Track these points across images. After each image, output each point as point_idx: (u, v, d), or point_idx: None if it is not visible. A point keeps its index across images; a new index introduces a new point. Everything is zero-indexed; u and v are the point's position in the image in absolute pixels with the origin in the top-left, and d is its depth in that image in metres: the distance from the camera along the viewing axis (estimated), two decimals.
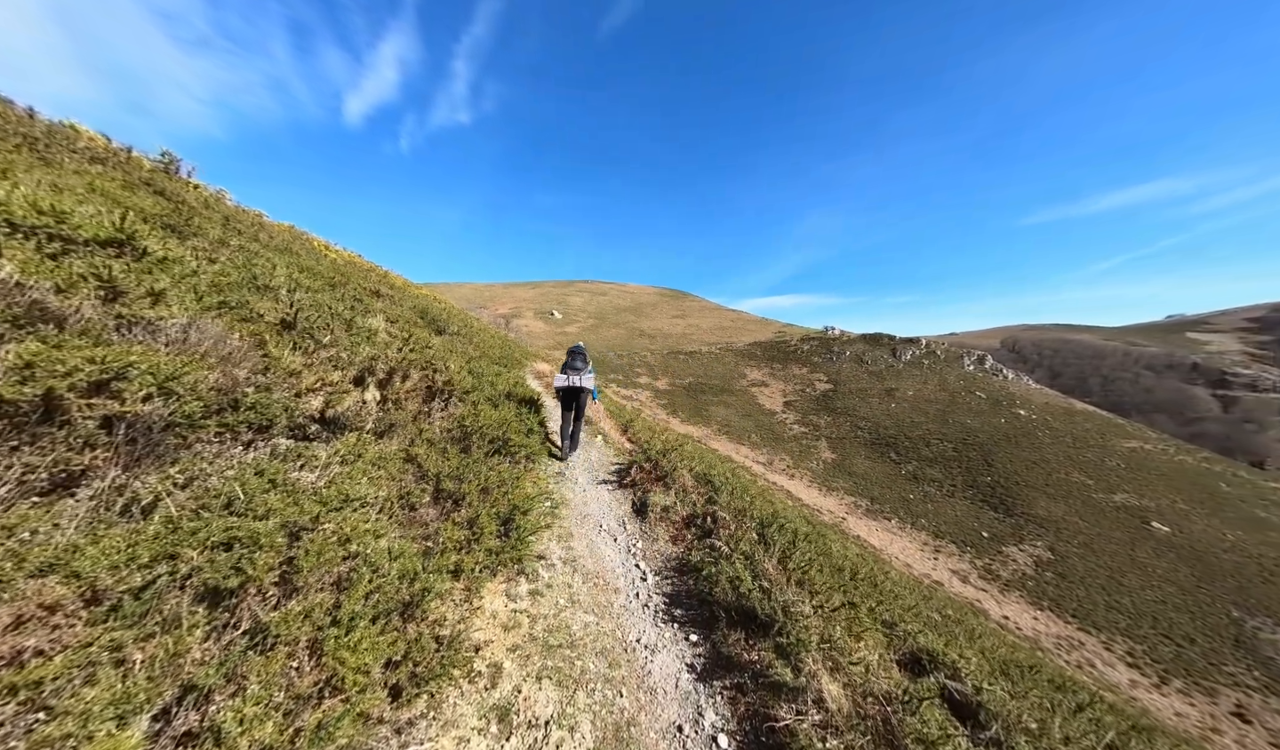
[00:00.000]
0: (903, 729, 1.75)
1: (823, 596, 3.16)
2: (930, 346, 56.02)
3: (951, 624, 5.97)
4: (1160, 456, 36.52)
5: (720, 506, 4.31)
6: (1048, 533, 27.08)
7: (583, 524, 4.04)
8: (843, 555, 6.78)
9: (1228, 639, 19.84)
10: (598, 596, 2.88)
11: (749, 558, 3.10)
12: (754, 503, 5.23)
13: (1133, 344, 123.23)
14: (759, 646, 2.28)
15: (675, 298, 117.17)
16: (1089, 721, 3.87)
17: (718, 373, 56.76)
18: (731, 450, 36.18)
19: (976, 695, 3.07)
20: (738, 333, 77.14)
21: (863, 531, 27.26)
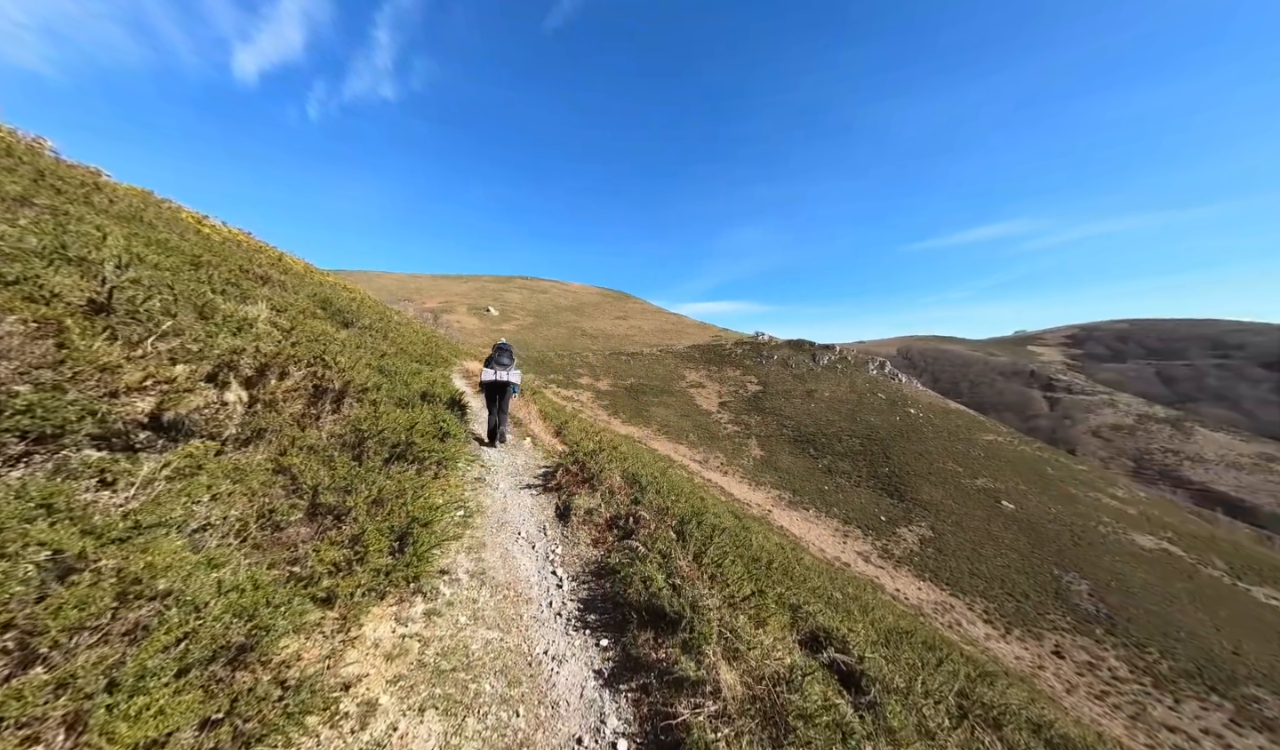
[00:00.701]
0: (787, 706, 1.86)
1: (733, 588, 3.30)
2: (843, 353, 62.86)
3: (850, 601, 6.67)
4: (1008, 447, 44.92)
5: (644, 506, 4.32)
6: (929, 514, 31.82)
7: (499, 532, 3.79)
8: (762, 547, 7.23)
9: (1050, 593, 24.93)
10: (506, 610, 2.69)
11: (665, 556, 3.12)
12: (679, 501, 5.34)
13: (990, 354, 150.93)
14: (667, 644, 2.28)
15: (618, 299, 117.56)
16: (948, 674, 4.54)
17: (658, 374, 58.02)
18: (670, 449, 37.17)
19: (860, 664, 3.42)
20: (678, 335, 79.60)
21: (786, 522, 29.66)
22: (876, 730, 2.62)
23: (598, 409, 42.87)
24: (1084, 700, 17.40)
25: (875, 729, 2.64)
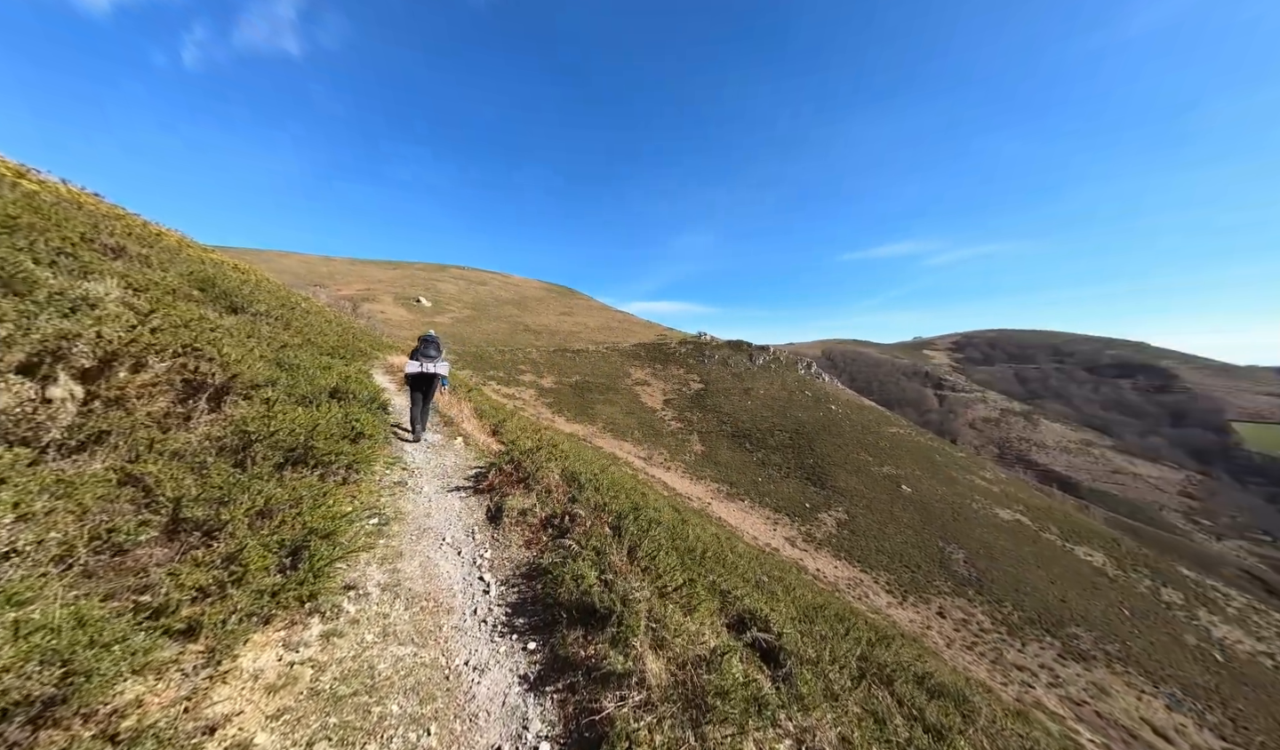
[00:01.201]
0: (707, 687, 1.95)
1: (665, 579, 3.39)
2: (776, 353, 67.75)
3: (775, 583, 7.23)
4: (907, 438, 51.73)
5: (581, 504, 4.27)
6: (845, 500, 35.58)
7: (420, 539, 3.51)
8: (698, 538, 7.53)
9: (936, 562, 29.18)
10: (423, 622, 2.50)
11: (599, 553, 3.12)
12: (618, 498, 5.37)
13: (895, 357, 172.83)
14: (596, 640, 2.28)
15: (563, 294, 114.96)
16: (852, 641, 5.12)
17: (604, 372, 57.82)
18: (616, 447, 37.27)
19: (779, 641, 3.72)
20: (624, 333, 79.94)
21: (724, 513, 31.27)
22: (789, 699, 2.86)
23: (541, 407, 41.61)
24: (959, 651, 20.69)
25: (789, 697, 2.89)
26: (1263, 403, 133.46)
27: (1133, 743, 17.38)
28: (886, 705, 3.62)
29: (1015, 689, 18.61)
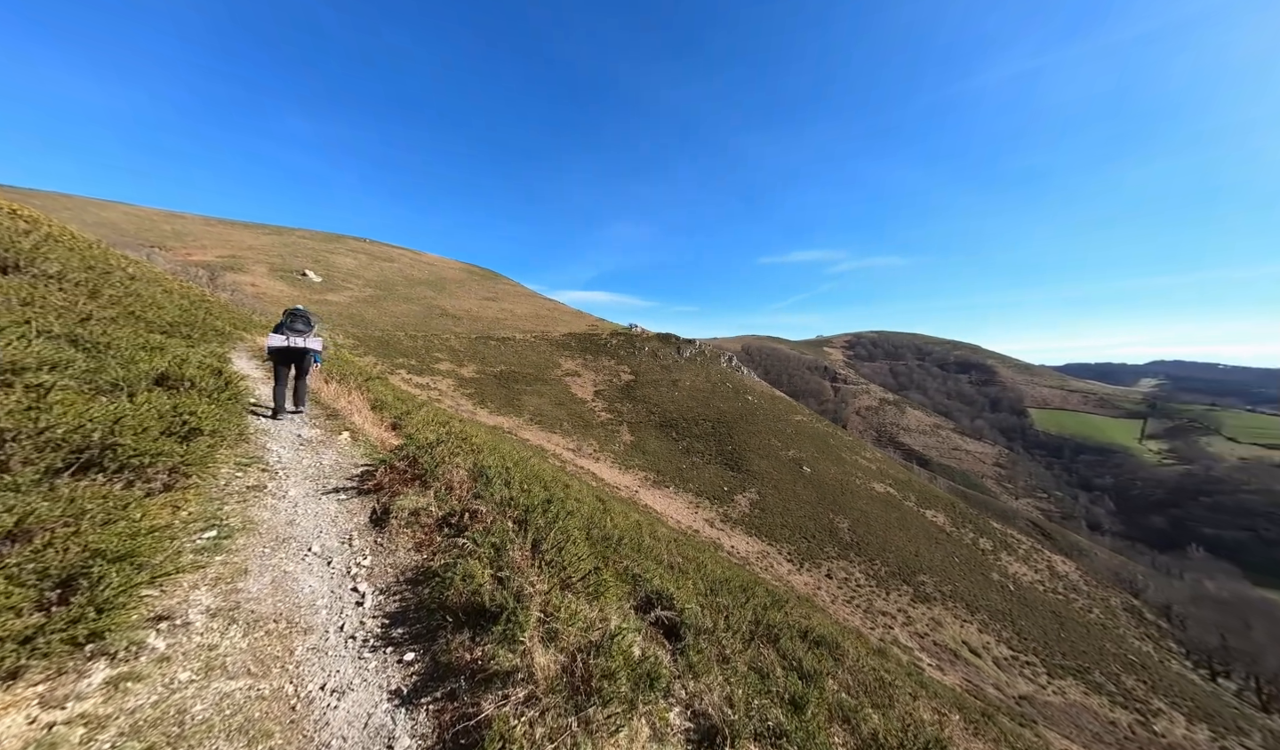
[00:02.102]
0: (595, 671, 1.96)
1: (571, 569, 3.35)
2: (701, 347, 71.53)
3: (688, 563, 7.68)
4: (809, 425, 58.70)
5: (486, 500, 4.02)
6: (758, 482, 39.25)
7: (277, 551, 2.97)
8: (617, 526, 7.64)
9: (827, 532, 33.74)
10: (267, 648, 2.12)
11: (498, 548, 2.96)
12: (531, 491, 5.18)
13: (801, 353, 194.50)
14: (484, 641, 2.15)
15: (487, 278, 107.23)
16: (750, 608, 5.66)
17: (532, 362, 55.50)
18: (543, 439, 36.13)
19: (680, 616, 3.94)
20: (554, 323, 77.42)
21: (650, 500, 32.35)
22: (684, 668, 3.04)
23: (461, 398, 38.52)
24: (841, 606, 24.30)
25: (683, 667, 3.06)
26: (1047, 394, 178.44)
27: (955, 661, 22.21)
28: (771, 661, 4.06)
29: (880, 631, 22.49)
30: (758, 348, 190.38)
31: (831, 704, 3.82)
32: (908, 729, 3.66)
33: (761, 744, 2.52)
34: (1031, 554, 42.13)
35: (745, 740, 2.35)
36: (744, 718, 2.48)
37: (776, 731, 2.69)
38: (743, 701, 2.73)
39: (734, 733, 2.27)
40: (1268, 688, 34.63)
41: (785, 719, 2.92)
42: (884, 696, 5.09)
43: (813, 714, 3.22)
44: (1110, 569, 52.13)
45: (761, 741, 2.55)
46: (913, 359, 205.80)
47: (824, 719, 3.41)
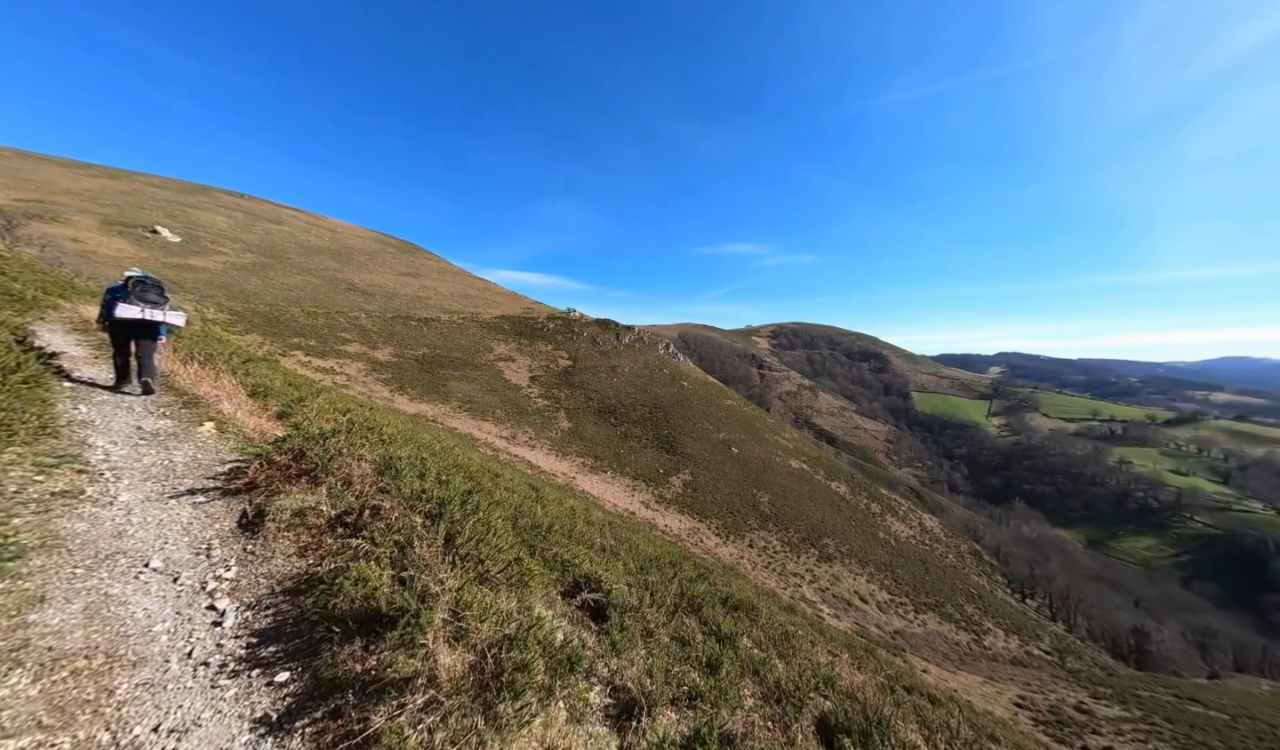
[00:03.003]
0: (507, 664, 1.88)
1: (491, 562, 3.18)
2: (640, 333, 72.33)
3: (620, 545, 7.83)
4: (738, 409, 63.03)
5: (392, 494, 3.62)
6: (691, 463, 41.33)
7: (95, 571, 2.37)
8: (549, 513, 7.48)
9: (751, 506, 36.84)
10: (74, 691, 1.68)
11: (402, 546, 2.68)
12: (450, 481, 4.81)
13: (733, 341, 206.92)
14: (379, 649, 1.93)
15: (405, 251, 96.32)
16: (677, 582, 5.96)
17: (460, 345, 51.49)
18: (474, 427, 33.96)
19: (607, 597, 3.99)
20: (485, 304, 72.39)
21: (588, 486, 32.35)
22: (608, 648, 3.08)
23: (375, 384, 34.45)
24: (760, 571, 26.90)
25: (607, 647, 3.10)
26: (925, 380, 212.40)
27: (849, 608, 25.99)
28: (692, 629, 4.31)
29: (790, 589, 25.39)
30: (693, 335, 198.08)
31: (744, 660, 4.18)
32: (804, 672, 4.13)
33: (678, 708, 2.66)
34: (908, 514, 50.51)
35: (663, 707, 2.45)
36: (662, 686, 2.59)
37: (692, 694, 2.86)
38: (662, 671, 2.85)
39: (651, 702, 2.36)
40: (1057, 602, 46.26)
41: (701, 681, 3.12)
42: (789, 647, 5.72)
43: (726, 672, 3.48)
44: (962, 522, 64.73)
45: (678, 705, 2.69)
46: (825, 349, 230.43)
47: (736, 675, 3.71)
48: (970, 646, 26.56)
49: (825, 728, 3.42)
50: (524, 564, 3.46)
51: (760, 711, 3.22)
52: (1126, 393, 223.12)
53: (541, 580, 3.62)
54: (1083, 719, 16.79)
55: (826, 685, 4.67)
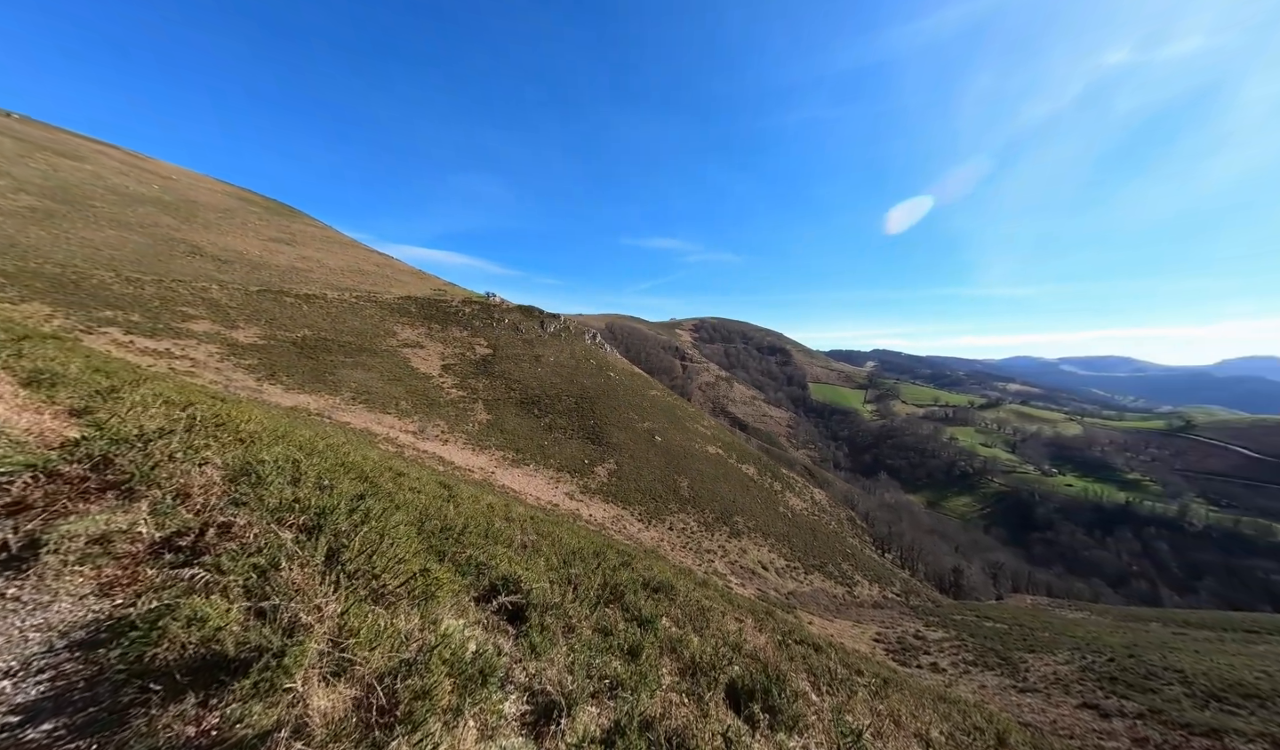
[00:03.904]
0: (402, 693, 1.67)
1: (388, 576, 2.81)
2: (566, 322, 70.47)
3: (543, 540, 7.61)
4: (662, 399, 65.44)
5: (250, 506, 2.97)
6: (616, 452, 41.87)
7: None
8: (462, 514, 6.92)
9: (672, 491, 38.74)
10: None
11: (263, 570, 2.21)
12: (336, 486, 4.14)
13: (658, 333, 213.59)
14: (224, 703, 1.56)
15: (278, 213, 79.92)
16: (601, 571, 6.00)
17: (354, 328, 44.63)
18: (372, 422, 29.80)
19: (527, 597, 3.84)
20: (386, 282, 63.68)
21: (509, 480, 30.77)
22: (526, 651, 2.95)
23: (237, 371, 28.10)
24: (679, 552, 28.57)
25: (525, 651, 2.97)
26: (819, 372, 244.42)
27: (754, 577, 29.08)
28: (614, 618, 4.38)
29: (705, 566, 27.48)
30: (620, 326, 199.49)
31: (663, 641, 4.38)
32: (717, 643, 4.47)
33: (600, 700, 2.67)
34: (803, 489, 58.02)
35: (583, 704, 2.44)
36: (583, 682, 2.57)
37: (614, 683, 2.90)
38: (584, 666, 2.83)
39: (572, 701, 2.32)
40: (905, 554, 57.59)
41: (623, 669, 3.18)
42: (704, 621, 6.16)
43: (647, 656, 3.60)
44: (843, 493, 76.50)
45: (599, 698, 2.70)
46: (740, 343, 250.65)
47: (656, 656, 3.87)
48: (844, 597, 31.75)
49: (733, 692, 3.76)
50: (430, 574, 3.14)
51: (677, 688, 3.41)
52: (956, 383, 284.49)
53: (451, 588, 3.33)
54: (919, 644, 21.29)
55: (735, 651, 5.13)
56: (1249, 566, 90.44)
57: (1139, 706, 13.76)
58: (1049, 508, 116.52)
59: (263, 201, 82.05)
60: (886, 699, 5.58)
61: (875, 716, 4.62)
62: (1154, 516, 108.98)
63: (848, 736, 3.37)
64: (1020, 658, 18.99)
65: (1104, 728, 12.79)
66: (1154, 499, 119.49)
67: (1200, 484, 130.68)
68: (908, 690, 7.17)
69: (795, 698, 3.93)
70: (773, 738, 3.26)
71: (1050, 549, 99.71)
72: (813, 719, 3.72)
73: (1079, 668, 17.41)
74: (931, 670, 18.00)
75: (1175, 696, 14.46)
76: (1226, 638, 23.80)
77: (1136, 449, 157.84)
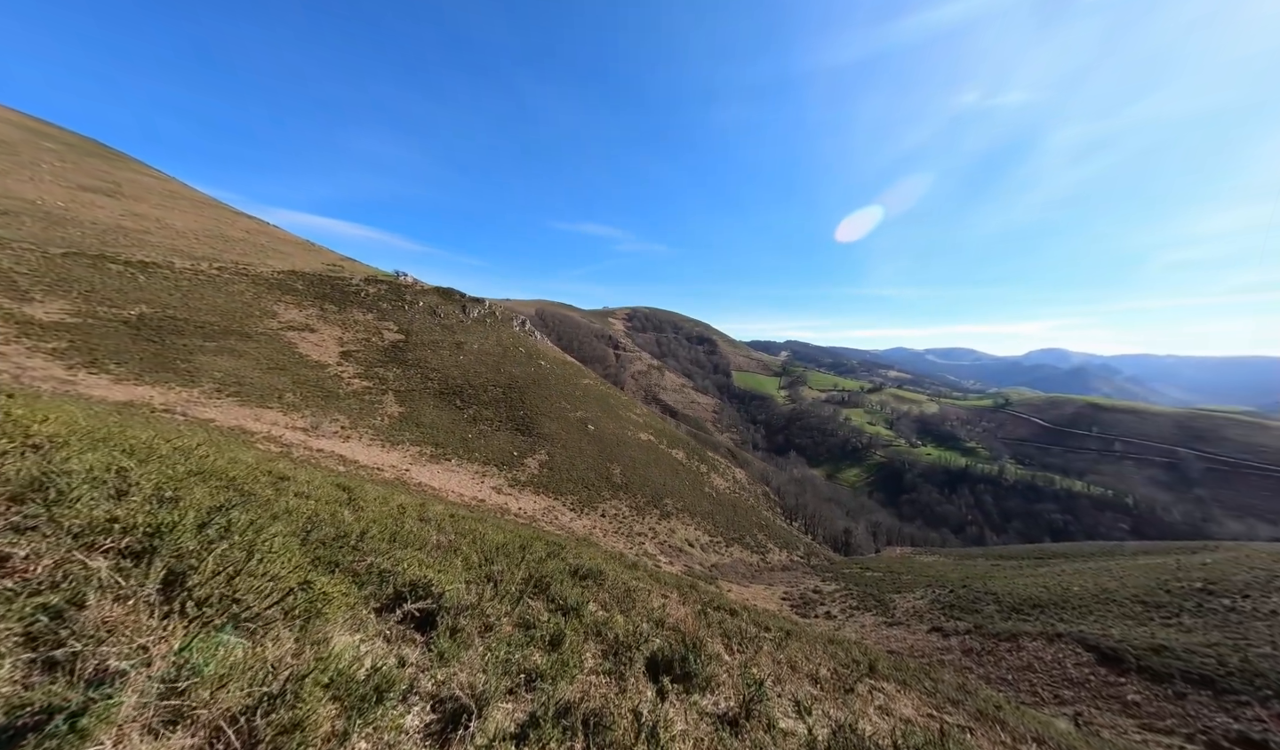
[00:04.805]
0: (266, 731, 1.46)
1: (253, 599, 2.42)
2: (492, 308, 66.02)
3: (464, 537, 7.17)
4: (595, 387, 65.19)
5: (42, 530, 2.32)
6: (548, 443, 40.86)
7: None
8: (362, 518, 6.22)
9: (605, 479, 39.09)
10: None
11: (57, 610, 1.74)
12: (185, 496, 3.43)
13: (590, 321, 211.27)
14: None
15: (91, 155, 61.83)
16: (527, 564, 5.86)
17: (216, 306, 36.71)
18: (247, 418, 24.98)
19: (440, 601, 3.60)
20: (261, 252, 53.26)
21: (427, 478, 28.26)
22: (434, 659, 2.78)
23: (30, 356, 21.34)
24: (611, 537, 29.10)
25: (433, 658, 2.80)
26: (742, 361, 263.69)
27: (681, 554, 30.87)
28: (537, 610, 4.33)
29: (637, 548, 28.44)
30: (551, 313, 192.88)
31: (588, 625, 4.44)
32: (640, 621, 4.67)
33: (516, 696, 2.64)
34: (726, 470, 62.70)
35: (497, 702, 2.38)
36: (497, 681, 2.51)
37: (533, 675, 2.87)
38: (499, 664, 2.76)
39: (483, 702, 2.26)
40: (808, 521, 65.84)
41: (543, 660, 3.17)
42: (630, 601, 6.39)
43: (569, 644, 3.63)
44: (760, 472, 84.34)
45: (516, 693, 2.66)
46: (671, 333, 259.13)
47: (580, 642, 3.92)
48: (759, 564, 35.37)
49: (654, 664, 3.98)
50: (314, 588, 2.79)
51: (599, 670, 3.50)
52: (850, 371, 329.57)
53: (345, 602, 3.00)
54: (817, 597, 24.66)
55: (658, 626, 5.42)
56: (1040, 510, 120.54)
57: (968, 625, 17.68)
58: (914, 473, 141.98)
59: (66, 137, 62.52)
60: (787, 649, 6.38)
61: (776, 665, 5.24)
62: (983, 476, 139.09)
63: (751, 686, 3.79)
64: (890, 598, 23.07)
65: (945, 645, 16.22)
66: (984, 462, 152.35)
67: (1013, 448, 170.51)
68: (805, 638, 8.28)
69: (710, 660, 4.30)
70: (688, 699, 3.53)
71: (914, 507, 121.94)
72: (724, 677, 4.11)
73: (929, 601, 21.74)
74: (825, 618, 21.02)
75: (991, 614, 18.87)
76: (1024, 565, 31.61)
77: (973, 423, 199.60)
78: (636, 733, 2.36)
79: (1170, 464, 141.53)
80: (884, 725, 4.13)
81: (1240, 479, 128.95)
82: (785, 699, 4.19)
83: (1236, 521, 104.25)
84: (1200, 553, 28.69)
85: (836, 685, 5.29)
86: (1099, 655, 13.51)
